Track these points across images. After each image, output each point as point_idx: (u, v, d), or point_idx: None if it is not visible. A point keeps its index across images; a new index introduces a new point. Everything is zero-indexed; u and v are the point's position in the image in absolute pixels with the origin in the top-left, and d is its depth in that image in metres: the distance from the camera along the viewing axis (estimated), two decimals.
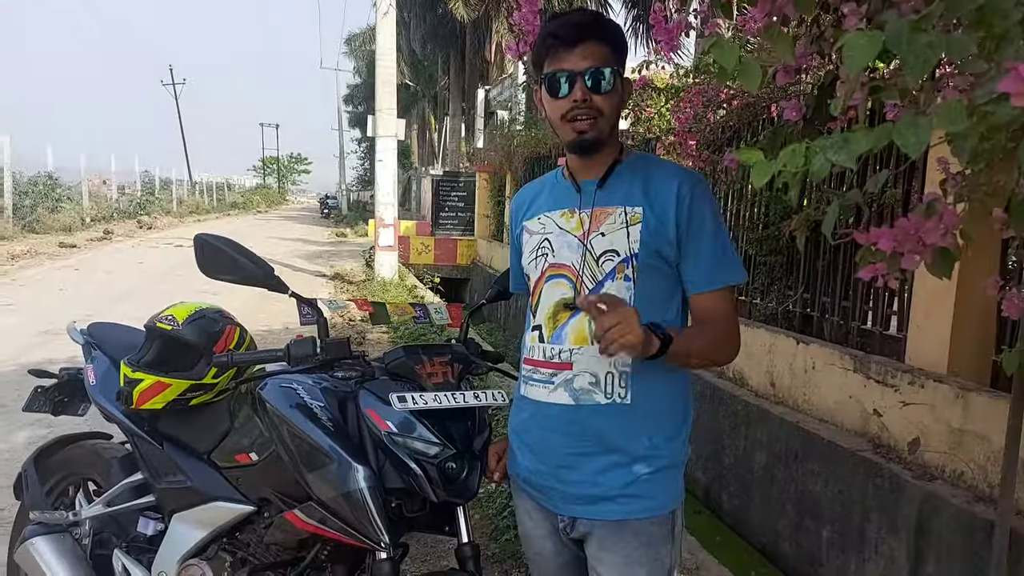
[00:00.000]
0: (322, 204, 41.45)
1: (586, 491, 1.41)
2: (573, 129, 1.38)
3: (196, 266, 1.65)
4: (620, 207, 1.41)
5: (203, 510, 1.84)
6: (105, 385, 2.08)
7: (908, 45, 0.82)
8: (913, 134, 0.82)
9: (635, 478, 1.38)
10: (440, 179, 14.74)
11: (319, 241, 20.30)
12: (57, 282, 10.17)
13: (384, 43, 11.03)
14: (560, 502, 1.45)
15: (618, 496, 1.39)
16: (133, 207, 25.11)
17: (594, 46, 1.35)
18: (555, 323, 1.43)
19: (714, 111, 5.33)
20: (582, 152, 1.43)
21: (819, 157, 0.89)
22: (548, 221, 1.49)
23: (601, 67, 1.35)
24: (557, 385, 1.42)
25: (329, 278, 11.45)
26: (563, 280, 1.44)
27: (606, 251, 1.40)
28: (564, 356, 1.41)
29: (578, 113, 1.36)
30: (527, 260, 1.53)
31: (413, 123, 36.91)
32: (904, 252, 1.06)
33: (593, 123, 1.37)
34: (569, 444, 1.41)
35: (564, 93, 1.36)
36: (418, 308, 2.11)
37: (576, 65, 1.34)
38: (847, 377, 3.66)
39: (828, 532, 3.50)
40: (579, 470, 1.41)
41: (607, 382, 1.39)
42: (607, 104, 1.38)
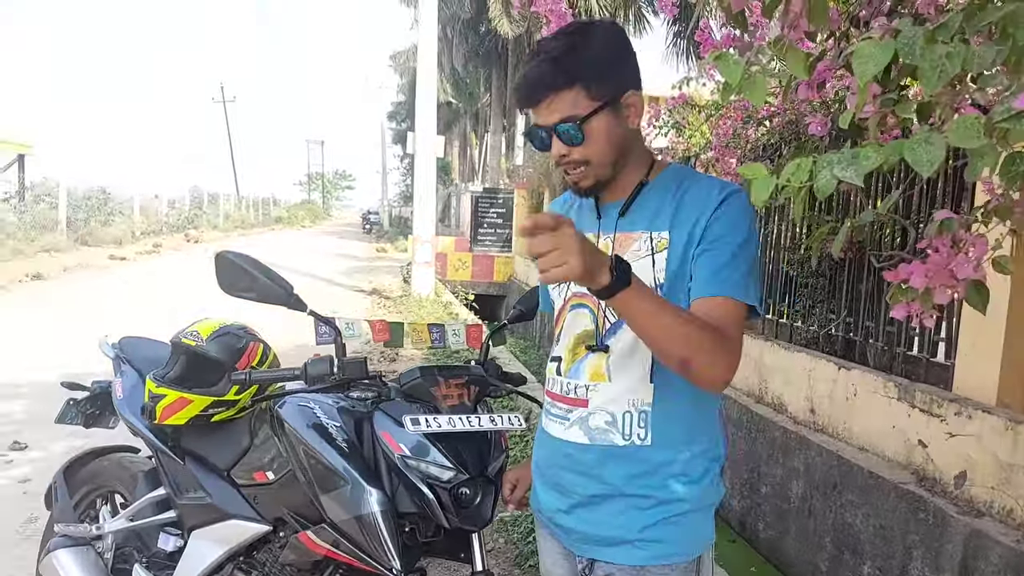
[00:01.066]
0: (364, 220, 42.03)
1: (603, 533, 1.32)
2: (567, 179, 1.31)
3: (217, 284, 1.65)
4: (645, 232, 1.29)
5: (221, 527, 1.84)
6: (131, 399, 2.10)
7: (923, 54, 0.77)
8: (926, 151, 0.76)
9: (655, 522, 1.29)
10: (479, 196, 14.81)
11: (359, 256, 20.56)
12: (104, 294, 10.47)
13: (425, 61, 11.17)
14: (578, 542, 1.37)
15: (636, 540, 1.29)
16: (181, 221, 25.83)
17: (557, 96, 1.22)
18: (574, 356, 1.35)
19: (755, 127, 5.24)
20: (587, 196, 1.34)
21: (825, 172, 0.84)
22: None
23: (569, 118, 1.22)
24: (572, 422, 1.34)
25: (367, 293, 11.56)
26: (585, 311, 1.35)
27: None
28: (580, 392, 1.33)
29: (565, 166, 1.29)
30: (552, 288, 1.45)
31: (454, 140, 37.31)
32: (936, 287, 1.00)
33: (583, 172, 1.28)
34: (585, 484, 1.33)
35: (545, 148, 1.29)
36: (435, 330, 2.08)
37: (546, 120, 1.25)
38: (891, 405, 3.52)
39: (868, 568, 3.35)
40: (596, 511, 1.32)
41: (624, 422, 1.29)
42: (591, 152, 1.26)
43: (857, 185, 0.86)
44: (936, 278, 0.99)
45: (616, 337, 1.30)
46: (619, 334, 1.30)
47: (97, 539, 2.16)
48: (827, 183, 0.87)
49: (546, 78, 1.23)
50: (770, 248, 5.24)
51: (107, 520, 2.19)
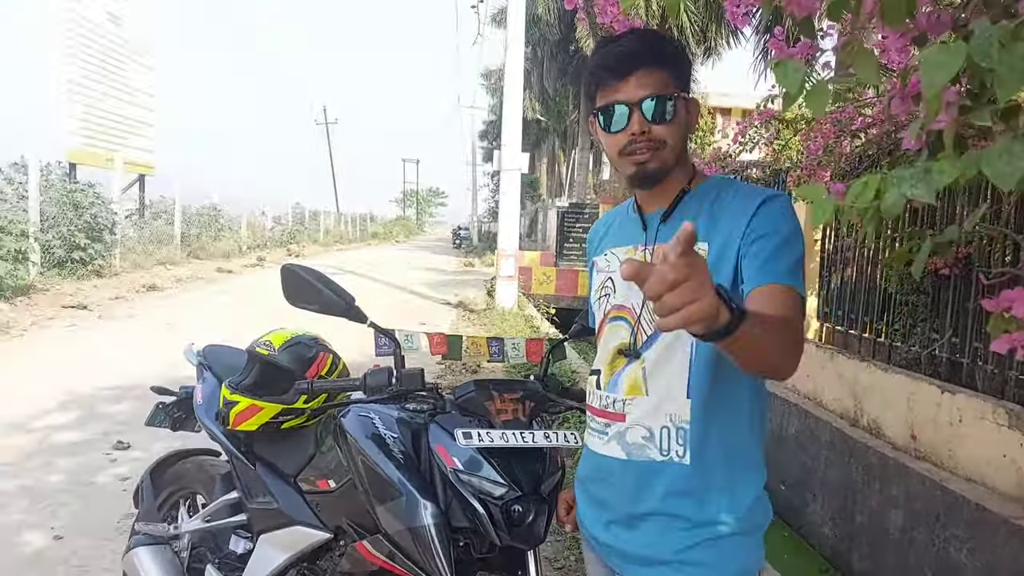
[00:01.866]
0: (455, 235, 42.86)
1: (640, 552, 1.29)
2: (632, 162, 1.27)
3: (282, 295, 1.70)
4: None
5: (286, 533, 1.88)
6: (209, 405, 2.19)
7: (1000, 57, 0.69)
8: (1007, 163, 0.69)
9: (693, 544, 1.24)
10: (565, 211, 14.81)
11: (448, 270, 20.94)
12: (211, 305, 11.12)
13: (512, 80, 11.30)
14: (618, 559, 1.34)
15: (674, 561, 1.25)
16: (284, 236, 27.13)
17: (649, 73, 1.23)
18: (612, 370, 1.33)
19: (849, 140, 4.97)
20: (643, 185, 1.31)
21: (893, 191, 0.77)
22: (613, 258, 1.39)
23: (659, 95, 1.23)
24: (611, 437, 1.32)
25: (453, 306, 11.74)
26: (623, 323, 1.33)
27: None
28: (617, 406, 1.31)
29: (637, 147, 1.25)
30: (593, 299, 1.44)
31: (543, 157, 37.53)
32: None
33: (654, 153, 1.26)
34: (622, 501, 1.31)
35: (620, 127, 1.25)
36: (494, 344, 2.07)
37: (631, 96, 1.23)
38: (1000, 433, 3.24)
39: None
40: (633, 530, 1.30)
41: (662, 437, 1.26)
42: (670, 133, 1.26)
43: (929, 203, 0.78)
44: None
45: (652, 350, 1.28)
46: (655, 346, 1.27)
47: (175, 538, 2.27)
48: (895, 203, 0.79)
49: (640, 54, 1.24)
50: (867, 263, 4.96)
51: (185, 520, 2.29)
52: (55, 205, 11.86)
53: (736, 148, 5.77)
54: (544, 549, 3.21)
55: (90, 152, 14.50)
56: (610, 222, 1.49)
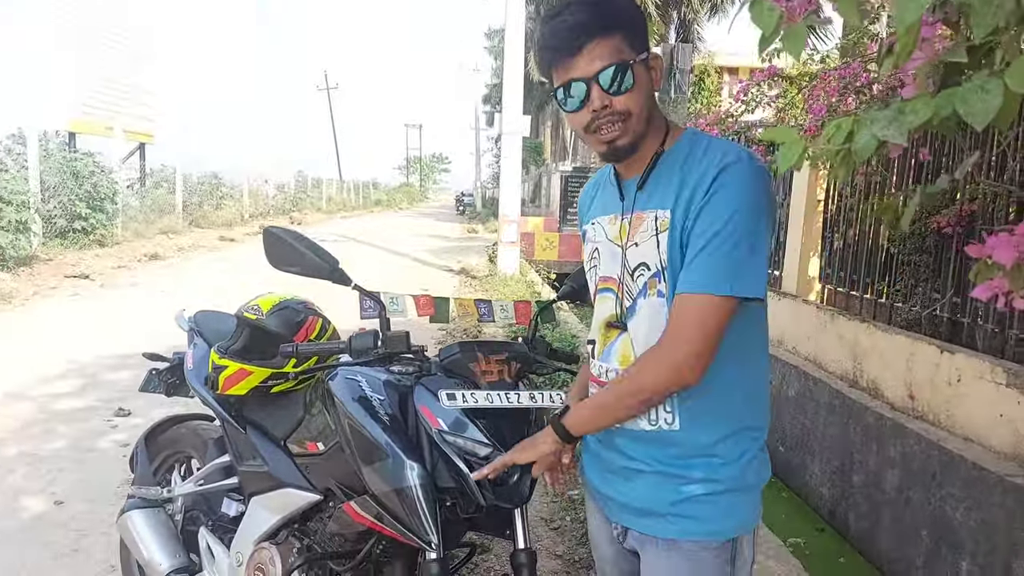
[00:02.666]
0: (458, 201, 42.71)
1: (637, 503, 1.31)
2: (600, 140, 1.22)
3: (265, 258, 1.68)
4: (654, 211, 1.23)
5: (277, 495, 1.89)
6: (199, 370, 2.19)
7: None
8: (980, 100, 0.65)
9: (686, 497, 1.25)
10: (568, 175, 14.70)
11: (451, 237, 20.89)
12: (213, 272, 11.13)
13: (512, 44, 11.11)
14: (616, 510, 1.38)
15: (668, 514, 1.26)
16: (287, 204, 27.05)
17: (601, 43, 1.17)
18: (605, 339, 1.34)
19: (854, 97, 4.87)
20: (618, 159, 1.29)
21: (864, 133, 0.74)
22: (598, 227, 1.38)
23: (616, 63, 1.16)
24: None
25: (455, 272, 11.73)
26: (609, 295, 1.33)
27: (639, 264, 1.26)
28: (610, 375, 1.32)
29: (601, 123, 1.20)
30: (586, 268, 1.44)
31: (547, 120, 37.09)
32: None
33: (622, 127, 1.20)
34: (619, 460, 1.34)
35: (580, 105, 1.20)
36: (482, 306, 2.05)
37: (586, 70, 1.18)
38: (998, 392, 3.22)
39: (968, 564, 3.10)
40: (629, 483, 1.32)
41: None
42: (633, 102, 1.19)
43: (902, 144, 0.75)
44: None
45: (634, 319, 1.28)
46: (635, 316, 1.28)
47: (168, 501, 2.29)
48: (866, 145, 0.76)
49: (588, 24, 1.18)
50: (868, 224, 4.90)
51: (178, 484, 2.31)
52: (55, 175, 11.81)
53: (739, 107, 5.66)
54: (540, 510, 3.24)
55: (90, 121, 14.40)
56: (597, 186, 1.45)
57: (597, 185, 1.46)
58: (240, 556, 1.92)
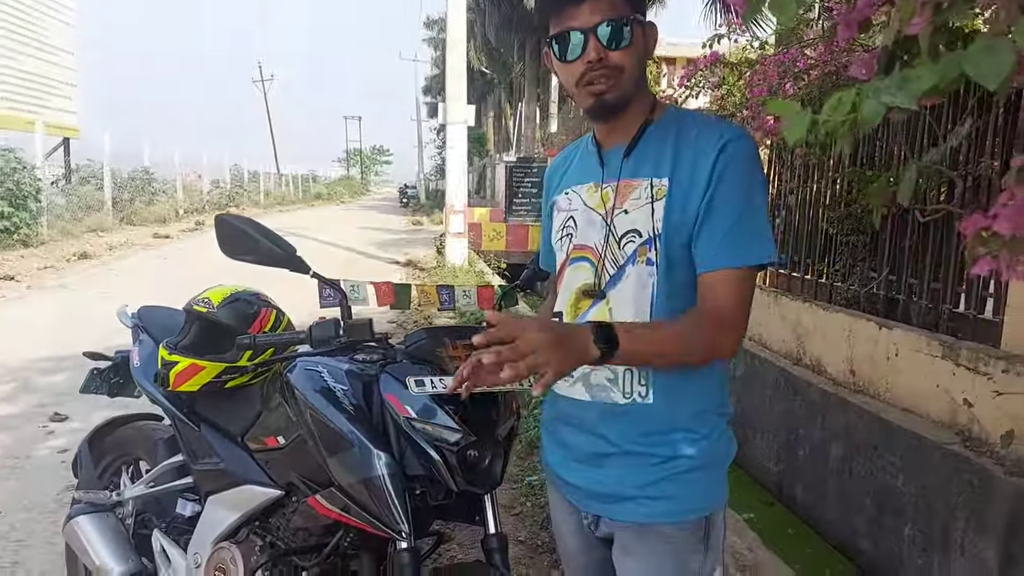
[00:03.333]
0: (401, 194, 42.24)
1: (605, 490, 1.29)
2: (590, 93, 1.22)
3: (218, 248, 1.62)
4: (647, 179, 1.23)
5: (235, 493, 1.84)
6: (148, 367, 2.11)
7: None
8: (991, 62, 0.64)
9: (658, 479, 1.24)
10: (513, 165, 14.68)
11: (396, 229, 20.66)
12: (149, 270, 10.72)
13: (455, 31, 11.02)
14: (583, 499, 1.35)
15: (639, 497, 1.25)
16: (223, 199, 26.25)
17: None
18: (576, 311, 1.31)
19: (792, 82, 5.01)
20: (604, 116, 1.26)
21: (870, 102, 0.72)
22: (575, 196, 1.35)
23: (615, 18, 1.18)
24: (576, 379, 1.30)
25: (402, 265, 11.61)
26: (585, 264, 1.30)
27: (628, 231, 1.24)
28: None
29: (594, 76, 1.20)
30: (555, 239, 1.39)
31: (489, 111, 37.03)
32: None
33: (614, 83, 1.20)
34: (587, 442, 1.31)
35: (576, 55, 1.20)
36: (444, 292, 2.03)
37: (586, 21, 1.18)
38: (934, 364, 3.37)
39: (909, 530, 3.24)
40: (598, 468, 1.30)
41: (625, 379, 1.25)
42: (627, 59, 1.20)
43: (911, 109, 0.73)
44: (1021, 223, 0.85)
45: (616, 289, 1.26)
46: (619, 286, 1.26)
47: (118, 505, 2.20)
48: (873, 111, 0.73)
49: None
50: (809, 206, 5.05)
51: (128, 487, 2.22)
52: None
53: (683, 93, 5.76)
54: (501, 496, 3.24)
55: (8, 116, 13.65)
56: (569, 158, 1.43)
57: (568, 158, 1.44)
58: (198, 557, 1.86)
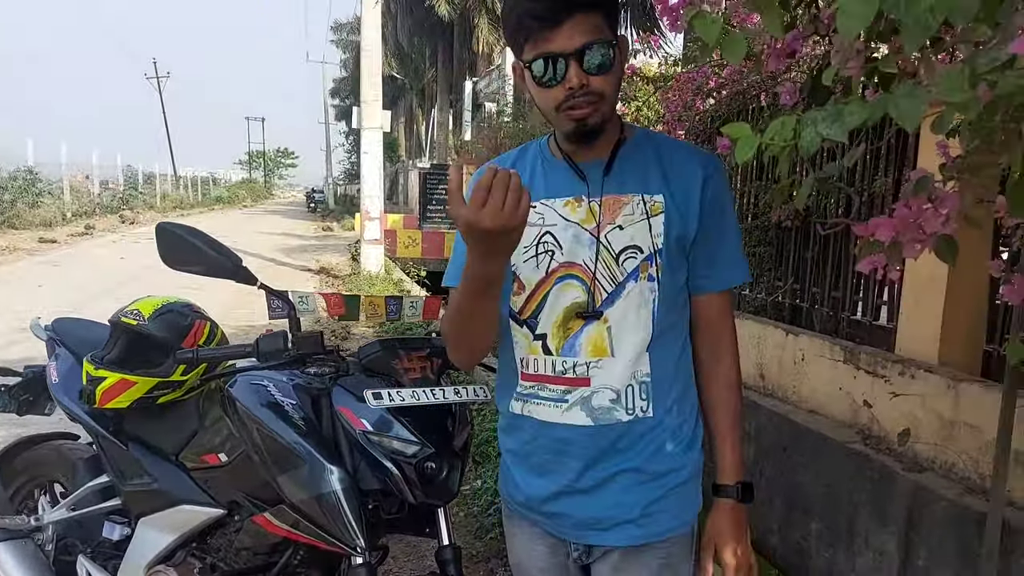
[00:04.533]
0: (308, 198, 41.20)
1: (604, 514, 1.27)
2: (571, 118, 1.17)
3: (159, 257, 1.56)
4: (637, 195, 1.22)
5: (170, 514, 1.76)
6: (68, 383, 1.99)
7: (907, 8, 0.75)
8: (910, 105, 0.75)
9: (656, 497, 1.26)
10: (427, 172, 14.63)
11: (305, 235, 20.12)
12: (36, 278, 9.99)
13: (369, 34, 10.90)
14: (572, 529, 1.30)
15: (639, 518, 1.26)
16: (115, 202, 24.80)
17: (583, 18, 1.12)
18: (566, 332, 1.24)
19: (703, 100, 5.27)
20: (584, 140, 1.22)
21: (809, 130, 0.82)
22: (547, 210, 1.26)
23: (597, 42, 1.12)
24: (572, 404, 1.25)
25: (314, 272, 11.33)
26: (574, 282, 1.24)
27: (627, 247, 1.22)
28: (580, 371, 1.24)
29: (576, 102, 1.15)
30: (522, 256, 1.27)
31: (400, 116, 36.71)
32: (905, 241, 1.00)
33: (595, 108, 1.16)
34: (586, 467, 1.26)
35: (556, 81, 1.14)
36: (391, 303, 2.02)
37: (565, 45, 1.12)
38: (837, 368, 3.61)
39: (817, 525, 3.45)
40: (595, 495, 1.27)
41: (627, 396, 1.23)
42: (607, 84, 1.16)
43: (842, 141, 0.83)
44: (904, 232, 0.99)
45: (614, 308, 1.23)
46: (618, 303, 1.23)
47: (37, 531, 2.06)
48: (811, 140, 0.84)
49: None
50: None
51: (47, 511, 2.08)
52: None
53: None
54: None
55: None
56: (513, 165, 1.32)
57: (523, 165, 1.33)
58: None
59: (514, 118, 10.73)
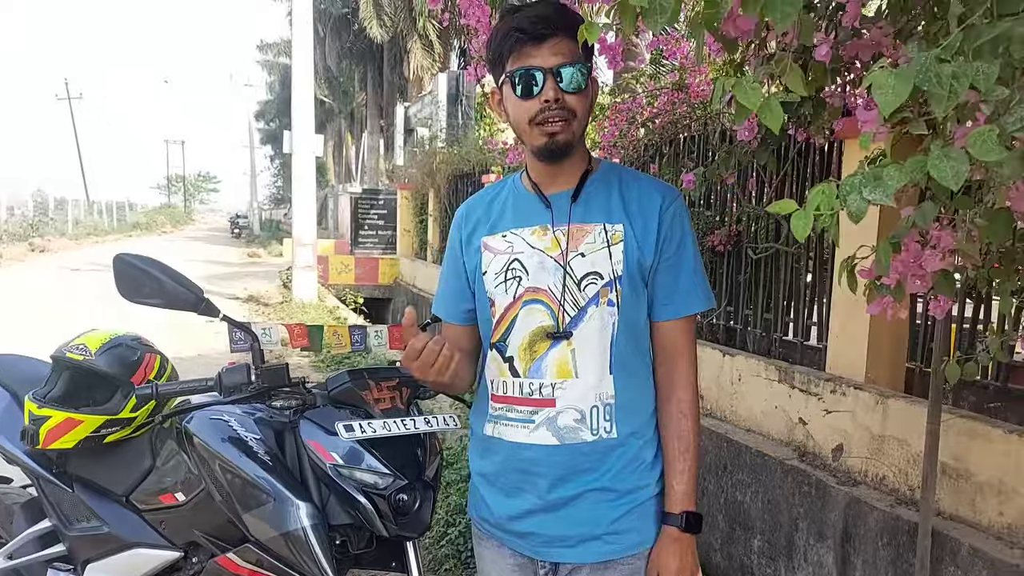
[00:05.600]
0: (232, 224, 40.05)
1: (571, 532, 1.30)
2: (543, 132, 1.25)
3: (116, 290, 1.51)
4: (600, 224, 1.30)
5: (122, 558, 1.69)
6: (5, 423, 1.89)
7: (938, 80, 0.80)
8: (950, 167, 0.80)
9: (622, 514, 1.30)
10: (359, 197, 14.47)
11: (231, 262, 19.50)
12: None
13: (301, 57, 10.77)
14: (541, 546, 1.33)
15: (604, 535, 1.30)
16: (25, 229, 23.46)
17: (564, 41, 1.23)
18: (532, 354, 1.30)
19: (637, 129, 5.46)
20: (552, 158, 1.29)
21: (854, 196, 0.87)
22: (516, 239, 1.34)
23: (573, 63, 1.23)
24: (539, 424, 1.29)
25: (243, 300, 10.99)
26: (539, 306, 1.30)
27: (588, 273, 1.29)
28: (546, 392, 1.29)
29: (549, 115, 1.24)
30: (493, 283, 1.34)
31: (329, 140, 36.25)
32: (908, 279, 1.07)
33: (566, 124, 1.25)
34: (553, 486, 1.30)
35: (533, 93, 1.23)
36: (355, 333, 2.00)
37: (545, 61, 1.22)
38: (772, 388, 3.76)
39: (759, 541, 3.56)
40: (564, 511, 1.30)
41: (592, 417, 1.28)
42: (579, 104, 1.26)
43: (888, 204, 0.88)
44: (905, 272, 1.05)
45: (579, 329, 1.29)
46: (581, 326, 1.29)
47: None
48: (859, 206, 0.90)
49: (555, 20, 1.23)
50: None
51: None
52: None
53: None
54: None
55: None
56: (491, 201, 1.42)
57: (492, 199, 1.43)
58: None
59: (448, 144, 10.77)
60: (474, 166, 8.47)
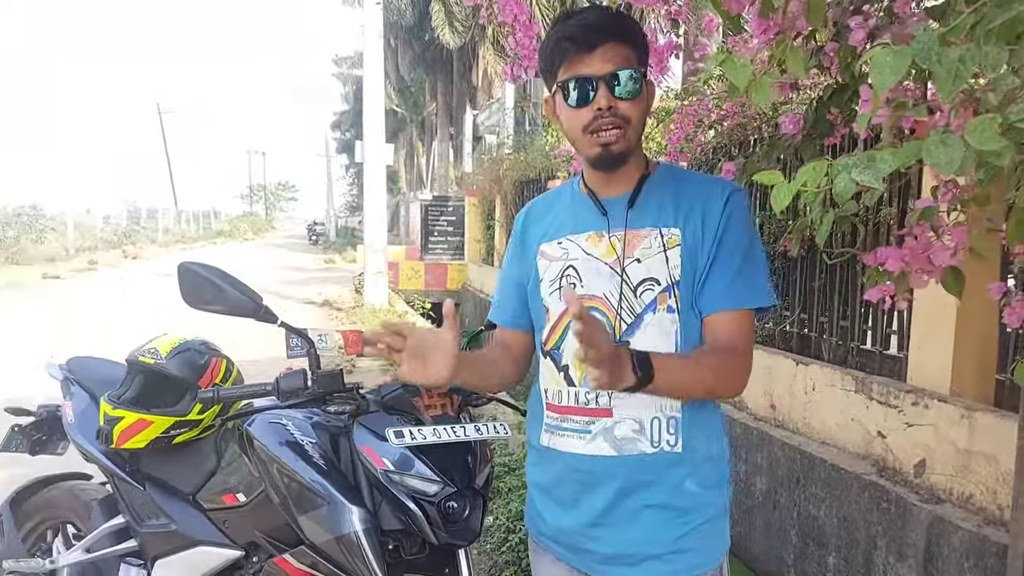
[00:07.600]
0: (310, 231, 41.41)
1: (631, 550, 1.26)
2: (596, 142, 1.22)
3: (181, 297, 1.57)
4: (655, 229, 1.26)
5: (188, 555, 1.75)
6: (84, 423, 1.99)
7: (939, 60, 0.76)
8: (944, 153, 0.76)
9: (684, 532, 1.25)
10: (429, 204, 14.70)
11: (307, 268, 20.17)
12: (41, 315, 9.99)
13: (372, 68, 11.05)
14: (596, 563, 1.29)
15: (665, 554, 1.25)
16: (118, 237, 24.93)
17: (615, 47, 1.20)
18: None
19: (704, 131, 5.34)
20: (607, 167, 1.26)
21: (843, 176, 0.83)
22: (572, 245, 1.32)
23: (625, 70, 1.20)
24: (595, 434, 1.26)
25: (319, 305, 11.34)
26: (595, 314, 1.25)
27: (644, 279, 1.25)
28: (602, 401, 1.25)
29: (602, 123, 1.21)
30: (548, 290, 1.33)
31: (400, 148, 37.10)
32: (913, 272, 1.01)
33: (620, 133, 1.21)
34: (611, 500, 1.26)
35: (586, 102, 1.20)
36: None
37: (597, 69, 1.19)
38: (848, 399, 3.60)
39: (834, 558, 3.41)
40: (621, 528, 1.26)
41: (653, 428, 1.23)
42: (634, 111, 1.23)
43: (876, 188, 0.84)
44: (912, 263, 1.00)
45: (635, 337, 1.25)
46: (638, 333, 1.25)
47: (51, 573, 2.04)
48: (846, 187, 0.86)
49: (607, 27, 1.21)
50: None
51: (61, 553, 2.06)
52: None
53: None
54: None
55: None
56: (551, 208, 1.40)
57: (551, 205, 1.41)
58: None
59: (515, 150, 10.82)
60: (539, 172, 8.48)
